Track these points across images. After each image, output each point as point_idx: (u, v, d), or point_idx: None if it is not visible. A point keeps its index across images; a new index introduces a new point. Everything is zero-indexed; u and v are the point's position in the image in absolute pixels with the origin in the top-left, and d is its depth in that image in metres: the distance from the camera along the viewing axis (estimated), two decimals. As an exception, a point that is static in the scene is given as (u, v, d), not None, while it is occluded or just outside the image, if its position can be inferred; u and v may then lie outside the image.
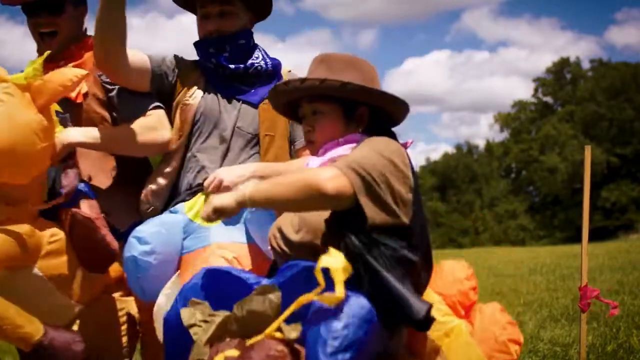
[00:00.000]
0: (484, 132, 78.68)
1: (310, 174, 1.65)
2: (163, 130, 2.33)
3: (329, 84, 1.82)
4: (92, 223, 2.03)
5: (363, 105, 1.88)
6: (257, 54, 2.44)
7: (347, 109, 1.88)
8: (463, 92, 77.33)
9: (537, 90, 43.74)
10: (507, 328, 2.15)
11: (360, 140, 1.84)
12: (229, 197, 1.72)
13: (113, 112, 2.38)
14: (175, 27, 74.27)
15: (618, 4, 69.65)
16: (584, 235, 2.44)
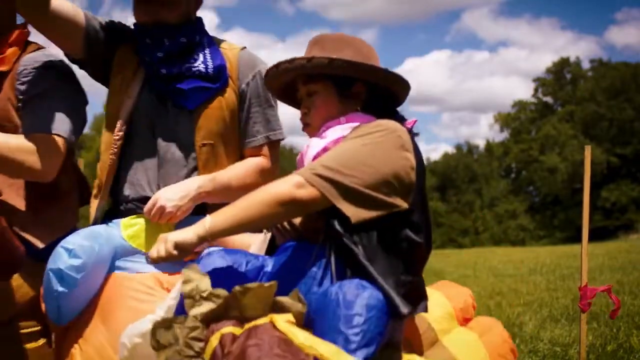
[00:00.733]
0: (484, 132, 78.79)
1: (275, 189, 1.59)
2: (38, 158, 1.91)
3: (317, 62, 1.76)
4: None
5: (358, 82, 1.83)
6: (197, 56, 2.10)
7: (340, 87, 1.83)
8: (463, 92, 77.43)
9: (537, 90, 43.77)
10: (508, 340, 2.16)
11: (364, 119, 1.79)
12: (189, 231, 1.56)
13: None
14: (175, 27, 74.17)
15: (618, 4, 69.69)
16: (584, 235, 2.44)
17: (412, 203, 1.66)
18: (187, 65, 2.07)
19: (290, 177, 1.61)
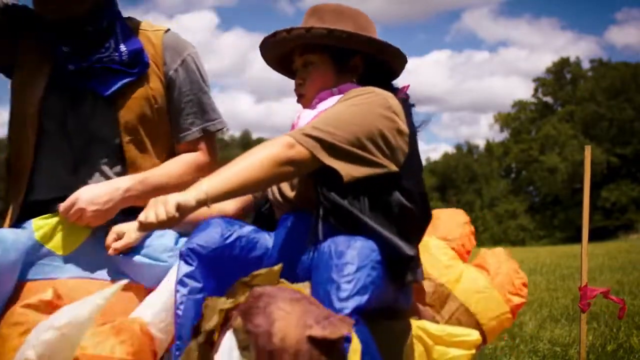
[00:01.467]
0: (484, 132, 78.89)
1: (268, 150, 1.54)
2: None
3: (316, 32, 1.74)
4: None
5: (357, 55, 1.80)
6: (109, 43, 1.84)
7: (338, 59, 1.80)
8: (463, 92, 77.46)
9: (537, 90, 43.76)
10: (519, 272, 2.18)
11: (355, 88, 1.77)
12: (187, 195, 1.46)
13: None
14: (175, 27, 74.15)
15: (618, 4, 69.70)
16: (584, 235, 2.44)
17: (402, 167, 1.65)
18: (97, 56, 1.82)
19: (280, 138, 1.57)
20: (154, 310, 1.61)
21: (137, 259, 1.74)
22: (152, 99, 1.88)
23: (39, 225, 1.76)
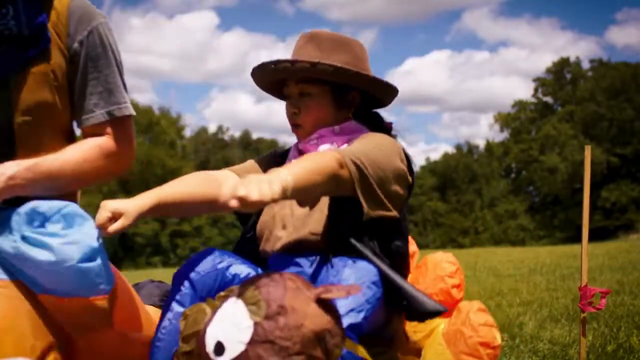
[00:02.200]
0: (484, 132, 78.78)
1: (326, 160, 1.50)
2: None
3: (322, 68, 1.72)
4: None
5: (354, 89, 1.82)
6: (7, 10, 1.57)
7: (338, 93, 1.80)
8: (463, 92, 77.37)
9: (537, 90, 43.76)
10: (479, 330, 1.92)
11: (357, 130, 1.81)
12: (275, 181, 1.28)
13: None
14: (175, 27, 74.25)
15: (618, 4, 69.63)
16: (584, 235, 2.43)
17: (400, 213, 1.70)
18: None
19: (331, 153, 1.55)
20: None
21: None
22: (51, 76, 1.62)
23: None
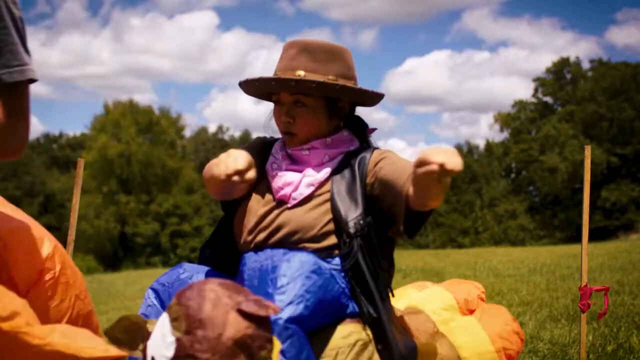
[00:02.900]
0: (484, 132, 78.56)
1: None
2: None
3: (328, 86, 1.81)
4: None
5: (345, 100, 1.92)
6: None
7: (331, 104, 1.89)
8: (463, 92, 77.21)
9: (537, 90, 43.72)
10: (512, 323, 2.16)
11: (348, 141, 1.91)
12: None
13: None
14: (175, 27, 74.16)
15: (618, 4, 69.54)
16: (584, 235, 2.44)
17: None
18: None
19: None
20: None
21: None
22: None
23: None
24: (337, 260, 1.73)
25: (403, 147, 60.31)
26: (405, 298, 2.19)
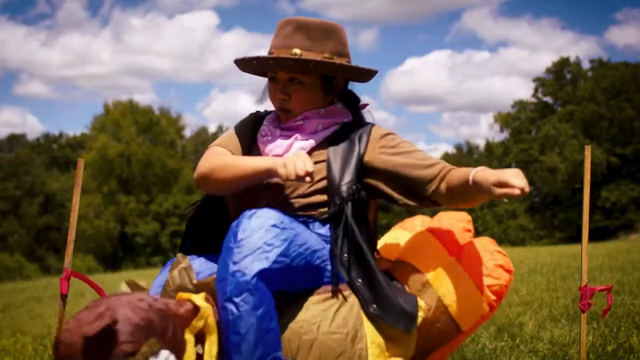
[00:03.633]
0: (484, 132, 78.57)
1: None
2: None
3: (325, 65, 1.85)
4: None
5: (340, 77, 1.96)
6: None
7: (327, 81, 1.92)
8: (463, 92, 77.23)
9: (537, 90, 43.72)
10: (495, 255, 2.10)
11: (342, 113, 1.95)
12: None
13: None
14: (175, 27, 74.08)
15: (618, 4, 69.56)
16: (584, 235, 2.44)
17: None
18: None
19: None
20: None
21: None
22: None
23: None
24: (321, 226, 1.79)
25: (403, 147, 60.12)
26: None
